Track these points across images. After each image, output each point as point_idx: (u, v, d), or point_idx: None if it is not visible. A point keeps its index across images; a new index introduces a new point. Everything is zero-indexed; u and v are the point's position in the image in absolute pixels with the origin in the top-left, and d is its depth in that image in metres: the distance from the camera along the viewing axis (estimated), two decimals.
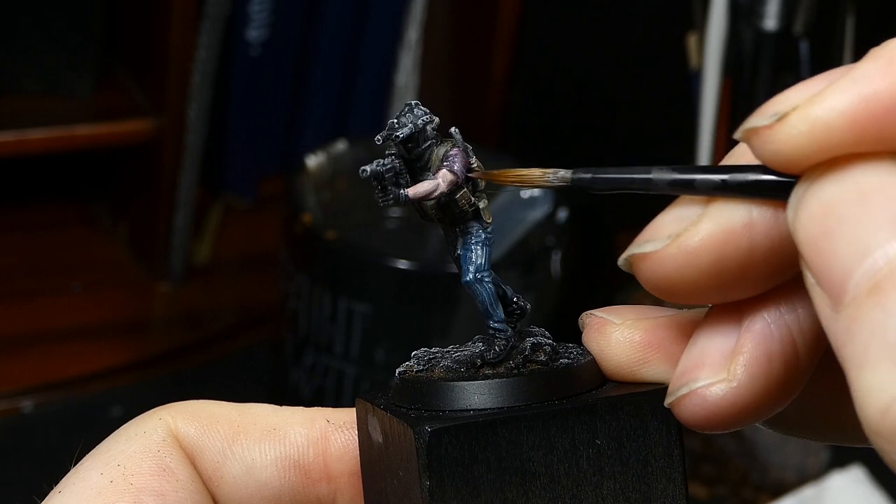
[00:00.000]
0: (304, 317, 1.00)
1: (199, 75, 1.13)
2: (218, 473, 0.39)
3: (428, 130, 0.39)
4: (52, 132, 1.12)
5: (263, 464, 0.40)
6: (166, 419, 0.40)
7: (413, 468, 0.36)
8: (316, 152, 1.08)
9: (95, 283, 1.19)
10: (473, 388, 0.38)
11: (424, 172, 0.39)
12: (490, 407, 0.38)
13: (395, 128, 0.38)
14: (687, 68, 1.00)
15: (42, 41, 1.14)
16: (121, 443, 0.40)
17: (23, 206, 1.25)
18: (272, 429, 0.40)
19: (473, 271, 0.40)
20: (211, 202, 1.26)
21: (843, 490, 1.01)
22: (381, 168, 0.38)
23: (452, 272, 1.06)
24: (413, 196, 0.38)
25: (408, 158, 0.39)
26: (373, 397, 0.39)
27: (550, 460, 0.37)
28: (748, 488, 1.04)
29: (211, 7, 1.12)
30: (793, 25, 0.96)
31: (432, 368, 0.39)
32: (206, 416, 0.41)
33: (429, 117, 0.39)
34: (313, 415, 0.41)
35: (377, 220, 1.11)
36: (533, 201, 1.00)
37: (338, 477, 0.40)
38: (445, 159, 0.39)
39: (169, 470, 0.39)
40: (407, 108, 0.38)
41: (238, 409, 0.41)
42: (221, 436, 0.40)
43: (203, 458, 0.40)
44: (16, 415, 1.05)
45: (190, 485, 0.39)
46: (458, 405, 0.38)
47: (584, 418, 0.37)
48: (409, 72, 1.27)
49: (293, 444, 0.40)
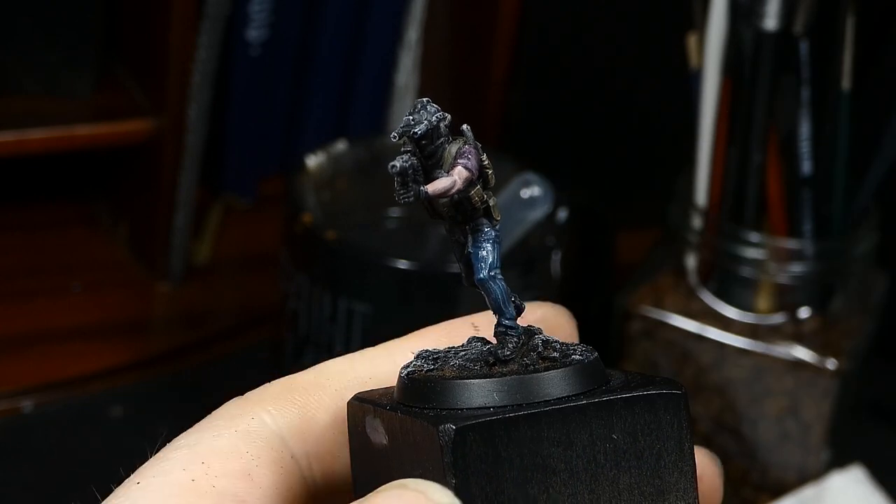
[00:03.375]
0: (304, 317, 1.00)
1: (199, 75, 1.13)
2: (336, 445, 0.39)
3: (441, 128, 0.39)
4: (52, 132, 1.12)
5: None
6: (260, 415, 0.39)
7: (435, 467, 0.36)
8: (316, 152, 1.08)
9: (95, 283, 1.19)
10: (492, 385, 0.38)
11: (436, 170, 0.39)
12: (509, 404, 0.38)
13: (412, 124, 0.38)
14: (687, 68, 1.00)
15: (42, 41, 1.14)
16: (208, 437, 0.39)
17: (23, 206, 1.25)
18: (367, 379, 0.40)
19: (487, 269, 0.40)
20: (211, 202, 1.26)
21: (843, 490, 1.01)
22: (406, 164, 0.38)
23: (452, 272, 1.07)
24: (432, 192, 0.38)
25: (419, 156, 0.39)
26: (369, 399, 0.39)
27: (570, 456, 0.37)
28: (748, 488, 1.04)
29: (211, 7, 1.12)
30: (793, 25, 0.96)
31: (442, 367, 0.39)
32: (303, 390, 0.40)
33: (442, 114, 0.39)
34: (383, 351, 0.40)
35: (377, 220, 1.11)
36: (533, 201, 1.00)
37: None
38: (459, 156, 0.39)
39: (254, 475, 0.38)
40: (420, 106, 0.38)
41: (316, 371, 0.40)
42: (325, 406, 0.40)
43: (315, 436, 0.39)
44: (16, 415, 1.05)
45: (272, 491, 0.38)
46: (477, 403, 0.38)
47: (601, 414, 0.38)
48: (409, 72, 1.27)
49: (386, 382, 0.40)
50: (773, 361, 1.01)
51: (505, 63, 1.20)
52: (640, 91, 1.22)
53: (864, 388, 1.09)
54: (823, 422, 1.01)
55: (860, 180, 1.02)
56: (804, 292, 1.03)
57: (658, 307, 1.03)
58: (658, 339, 1.03)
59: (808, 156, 1.00)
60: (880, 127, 1.01)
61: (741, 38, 0.97)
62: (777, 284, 1.02)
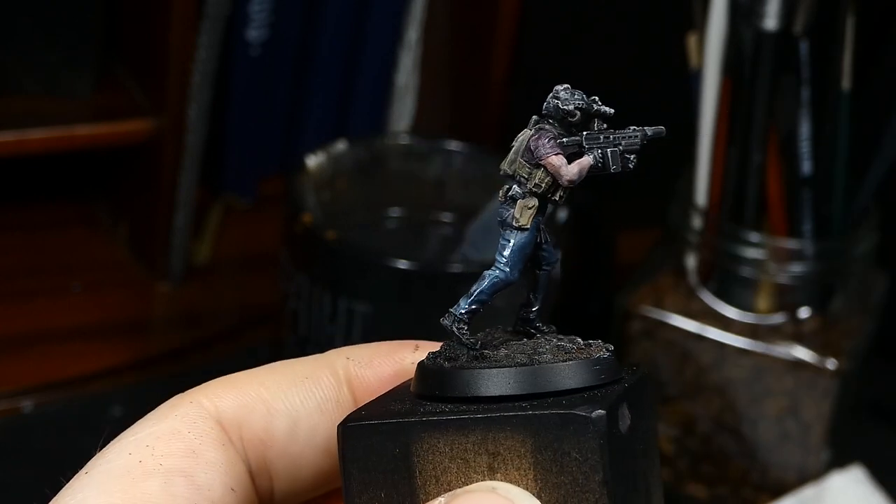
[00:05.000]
0: (304, 317, 1.00)
1: (199, 75, 1.13)
2: (268, 434, 0.40)
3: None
4: (52, 132, 1.12)
5: (308, 411, 0.40)
6: (199, 400, 0.40)
7: (591, 461, 0.35)
8: (316, 152, 1.07)
9: (95, 283, 1.19)
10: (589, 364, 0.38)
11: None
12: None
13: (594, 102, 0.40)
14: (687, 68, 1.00)
15: (42, 41, 1.14)
16: (150, 425, 0.40)
17: (23, 206, 1.25)
18: (304, 378, 0.41)
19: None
20: (211, 202, 1.26)
21: (843, 490, 1.01)
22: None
23: (452, 272, 1.07)
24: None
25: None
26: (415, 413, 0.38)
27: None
28: (748, 488, 1.04)
29: (211, 7, 1.12)
30: (793, 25, 0.96)
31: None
32: (240, 384, 0.41)
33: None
34: (333, 357, 0.41)
35: (377, 220, 1.11)
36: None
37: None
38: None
39: (198, 452, 0.39)
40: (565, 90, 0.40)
41: (265, 371, 0.42)
42: (261, 398, 0.41)
43: (250, 423, 0.40)
44: (16, 415, 1.05)
45: (220, 467, 0.39)
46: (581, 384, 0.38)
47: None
48: (409, 72, 1.27)
49: (328, 386, 0.41)
50: (773, 361, 1.01)
51: (505, 63, 1.20)
52: (640, 91, 1.22)
53: (864, 388, 1.09)
54: (823, 422, 1.01)
55: (860, 180, 1.02)
56: (804, 292, 1.03)
57: (658, 307, 1.03)
58: (658, 339, 1.03)
59: (808, 156, 1.00)
60: (880, 127, 1.01)
61: (741, 38, 0.97)
62: (777, 284, 1.02)
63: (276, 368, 0.42)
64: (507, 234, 0.40)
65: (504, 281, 0.40)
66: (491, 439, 0.35)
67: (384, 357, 0.42)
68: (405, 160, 1.12)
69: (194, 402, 0.40)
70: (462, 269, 0.96)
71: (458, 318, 0.39)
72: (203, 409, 0.40)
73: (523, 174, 0.40)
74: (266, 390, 0.41)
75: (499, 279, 0.40)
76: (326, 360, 0.42)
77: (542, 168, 0.40)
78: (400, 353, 0.42)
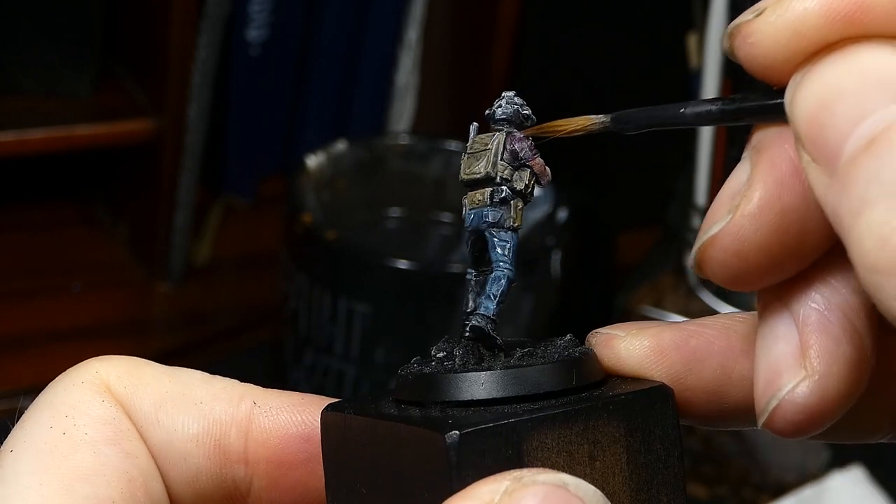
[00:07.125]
0: (304, 317, 1.00)
1: (199, 75, 1.13)
2: (144, 436, 0.39)
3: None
4: (52, 132, 1.12)
5: (185, 437, 0.38)
6: (102, 371, 0.40)
7: (672, 437, 0.37)
8: (316, 152, 1.08)
9: (95, 283, 1.19)
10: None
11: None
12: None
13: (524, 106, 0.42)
14: (687, 68, 1.00)
15: (42, 41, 1.14)
16: (61, 394, 0.39)
17: (23, 206, 1.25)
18: (199, 402, 0.39)
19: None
20: (211, 202, 1.26)
21: (843, 490, 1.01)
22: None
23: (452, 272, 1.07)
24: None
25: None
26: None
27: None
28: (748, 488, 1.04)
29: (211, 7, 1.12)
30: None
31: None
32: (138, 375, 0.40)
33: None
34: (242, 393, 0.39)
35: (377, 220, 1.11)
36: (533, 201, 1.00)
37: (256, 462, 0.39)
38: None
39: (116, 419, 0.38)
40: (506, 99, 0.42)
41: (169, 374, 0.40)
42: (150, 400, 0.39)
43: (131, 416, 0.39)
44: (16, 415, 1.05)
45: (135, 433, 0.38)
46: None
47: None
48: (409, 72, 1.27)
49: (216, 422, 0.39)
50: None
51: (505, 63, 1.20)
52: (639, 91, 1.22)
53: None
54: None
55: None
56: None
57: (658, 307, 1.03)
58: None
59: None
60: None
61: None
62: None
63: (180, 377, 0.40)
64: (504, 234, 0.41)
65: (512, 280, 0.40)
66: (591, 427, 0.36)
67: (290, 413, 0.39)
68: (405, 160, 1.12)
69: (99, 372, 0.39)
70: (462, 269, 0.96)
71: (491, 319, 0.40)
72: (104, 380, 0.39)
73: (505, 176, 0.42)
74: (157, 396, 0.39)
75: (509, 279, 0.40)
76: (234, 394, 0.40)
77: (528, 169, 0.42)
78: (307, 410, 0.39)
